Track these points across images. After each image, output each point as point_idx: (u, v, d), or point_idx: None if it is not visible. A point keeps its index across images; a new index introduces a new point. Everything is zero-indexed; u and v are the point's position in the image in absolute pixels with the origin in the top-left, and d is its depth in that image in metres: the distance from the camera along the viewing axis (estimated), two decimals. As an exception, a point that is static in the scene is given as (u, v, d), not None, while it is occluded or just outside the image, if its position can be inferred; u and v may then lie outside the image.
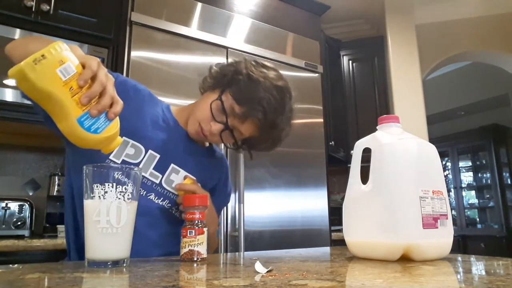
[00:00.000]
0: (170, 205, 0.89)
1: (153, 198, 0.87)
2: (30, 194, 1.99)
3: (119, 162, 0.85)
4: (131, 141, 0.87)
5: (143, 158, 0.88)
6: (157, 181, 0.88)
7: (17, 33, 1.64)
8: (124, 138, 0.82)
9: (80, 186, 0.63)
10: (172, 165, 0.91)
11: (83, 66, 0.60)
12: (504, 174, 5.12)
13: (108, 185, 0.61)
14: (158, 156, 0.90)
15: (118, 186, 0.61)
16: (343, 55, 3.15)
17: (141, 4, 1.82)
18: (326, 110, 2.40)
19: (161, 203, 0.88)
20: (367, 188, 0.73)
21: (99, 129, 0.61)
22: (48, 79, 0.55)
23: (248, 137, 0.95)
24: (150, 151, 0.89)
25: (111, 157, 0.85)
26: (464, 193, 5.62)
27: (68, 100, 0.57)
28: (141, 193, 0.85)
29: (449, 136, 5.70)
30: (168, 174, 0.90)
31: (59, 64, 0.56)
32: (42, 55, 0.54)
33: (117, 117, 0.65)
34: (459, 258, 0.72)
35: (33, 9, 1.67)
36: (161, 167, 0.90)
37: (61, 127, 0.59)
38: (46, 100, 0.57)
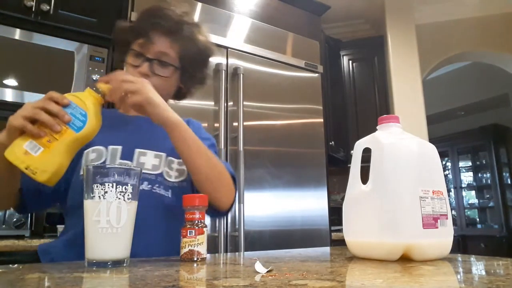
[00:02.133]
0: (150, 186, 0.87)
1: None
2: None
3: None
4: (90, 148, 0.87)
5: (106, 156, 0.88)
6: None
7: (17, 33, 1.64)
8: (84, 151, 0.86)
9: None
10: (136, 150, 0.90)
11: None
12: (504, 174, 5.12)
13: (108, 185, 0.61)
14: (120, 147, 0.89)
15: (118, 186, 0.61)
16: (343, 55, 3.15)
17: (141, 4, 1.82)
18: (326, 110, 2.40)
19: (140, 187, 0.87)
20: (367, 188, 0.73)
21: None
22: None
23: (180, 60, 0.93)
24: (110, 147, 0.89)
25: (81, 173, 0.85)
26: (464, 193, 5.62)
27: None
28: None
29: (449, 136, 5.70)
30: (137, 159, 0.89)
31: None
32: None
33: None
34: (459, 258, 0.72)
35: (33, 9, 1.67)
36: (127, 156, 0.89)
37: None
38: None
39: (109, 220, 0.60)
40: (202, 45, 0.96)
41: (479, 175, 5.52)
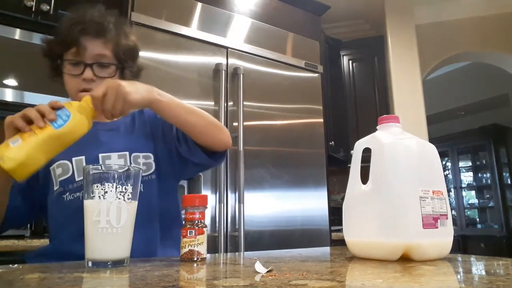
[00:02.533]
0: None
1: None
2: None
3: (57, 187, 0.89)
4: (54, 164, 0.90)
5: (73, 168, 0.90)
6: None
7: (17, 33, 1.64)
8: (50, 168, 0.90)
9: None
10: (100, 155, 0.92)
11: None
12: (504, 174, 5.12)
13: (108, 185, 0.61)
14: (83, 157, 0.91)
15: (118, 186, 0.62)
16: (343, 55, 3.15)
17: (141, 4, 1.82)
18: (326, 110, 2.39)
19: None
20: (367, 188, 0.73)
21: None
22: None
23: (116, 58, 0.95)
24: (73, 159, 0.90)
25: (55, 187, 0.89)
26: (464, 193, 5.62)
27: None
28: None
29: (449, 136, 5.70)
30: (103, 163, 0.90)
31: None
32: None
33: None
34: (459, 258, 0.72)
35: (33, 9, 1.67)
36: (93, 163, 0.87)
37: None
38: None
39: (109, 220, 0.60)
40: (132, 40, 0.99)
41: (479, 175, 5.52)
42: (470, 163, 5.65)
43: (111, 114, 0.78)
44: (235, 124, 1.95)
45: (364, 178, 0.75)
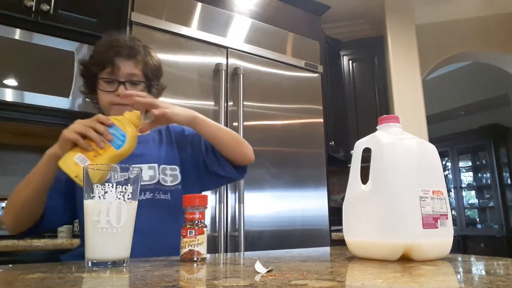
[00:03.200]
0: (152, 194, 1.00)
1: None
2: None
3: None
4: None
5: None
6: None
7: (17, 33, 1.64)
8: None
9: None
10: (131, 166, 0.98)
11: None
12: (504, 174, 5.12)
13: (108, 185, 0.61)
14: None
15: (118, 186, 0.62)
16: (343, 55, 3.14)
17: (141, 4, 1.82)
18: (326, 110, 2.39)
19: (144, 197, 0.98)
20: (367, 188, 0.73)
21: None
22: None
23: (145, 77, 1.06)
24: None
25: None
26: (464, 193, 5.62)
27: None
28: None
29: (449, 136, 5.70)
30: None
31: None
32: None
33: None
34: (459, 258, 0.72)
35: (33, 9, 1.67)
36: None
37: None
38: None
39: (109, 220, 0.60)
40: (156, 61, 1.12)
41: (479, 175, 5.52)
42: (470, 163, 5.65)
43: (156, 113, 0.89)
44: (235, 124, 1.95)
45: (364, 178, 0.75)
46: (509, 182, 5.08)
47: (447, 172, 5.73)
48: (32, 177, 0.90)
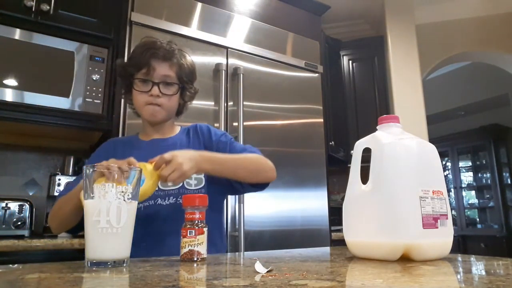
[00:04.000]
0: (175, 199, 1.03)
1: (161, 201, 1.03)
2: (30, 194, 1.99)
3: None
4: None
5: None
6: None
7: (17, 33, 1.64)
8: None
9: None
10: None
11: None
12: (504, 174, 5.12)
13: (108, 185, 0.61)
14: None
15: (118, 186, 0.62)
16: (343, 55, 3.14)
17: (141, 4, 1.82)
18: (326, 110, 2.39)
19: (167, 202, 1.02)
20: (367, 188, 0.73)
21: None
22: None
23: (179, 79, 1.10)
24: None
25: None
26: (464, 193, 5.62)
27: None
28: (150, 202, 1.02)
29: (449, 136, 5.70)
30: None
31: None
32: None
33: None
34: (459, 258, 0.72)
35: (33, 9, 1.67)
36: None
37: None
38: None
39: (109, 220, 0.60)
40: (191, 65, 1.15)
41: (479, 175, 5.51)
42: (470, 163, 5.65)
43: (165, 179, 0.88)
44: (235, 124, 1.95)
45: (364, 178, 0.75)
46: (509, 182, 5.08)
47: (447, 172, 5.73)
48: (71, 196, 0.93)
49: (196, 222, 0.70)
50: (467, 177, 5.68)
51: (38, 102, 1.62)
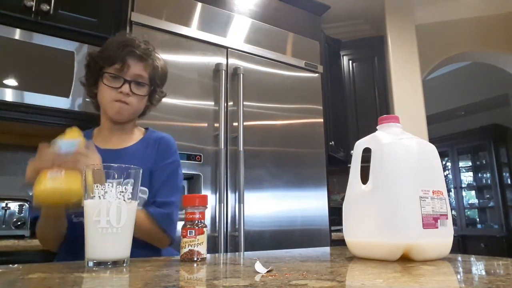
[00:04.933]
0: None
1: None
2: (30, 194, 1.98)
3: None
4: None
5: None
6: None
7: (17, 33, 1.64)
8: None
9: None
10: None
11: None
12: (504, 174, 5.12)
13: (108, 185, 0.61)
14: None
15: (118, 186, 0.62)
16: (343, 55, 3.14)
17: (141, 4, 1.82)
18: (326, 110, 2.39)
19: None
20: (367, 188, 0.73)
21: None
22: None
23: (151, 81, 1.08)
24: None
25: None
26: (464, 193, 5.62)
27: None
28: None
29: (449, 136, 5.69)
30: None
31: None
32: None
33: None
34: (459, 258, 0.72)
35: (33, 9, 1.67)
36: None
37: None
38: None
39: (109, 220, 0.60)
40: (164, 68, 1.14)
41: (479, 175, 5.51)
42: (470, 163, 5.64)
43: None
44: (235, 124, 1.95)
45: (364, 178, 0.75)
46: (509, 182, 5.07)
47: (447, 172, 5.73)
48: (42, 220, 0.93)
49: (196, 222, 0.70)
50: (467, 177, 5.67)
51: (38, 102, 1.62)
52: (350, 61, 3.14)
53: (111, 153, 1.04)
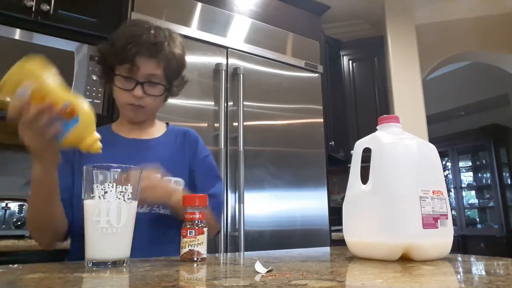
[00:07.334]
0: (149, 208, 0.93)
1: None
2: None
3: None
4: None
5: None
6: None
7: (17, 33, 1.64)
8: None
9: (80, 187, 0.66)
10: None
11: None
12: (504, 174, 5.12)
13: (108, 185, 0.61)
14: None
15: (118, 186, 0.61)
16: (343, 55, 3.15)
17: (141, 4, 1.82)
18: (326, 110, 2.39)
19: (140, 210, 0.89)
20: (367, 188, 0.73)
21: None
22: None
23: (166, 77, 0.99)
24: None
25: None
26: (464, 193, 5.62)
27: None
28: None
29: (449, 136, 5.70)
30: None
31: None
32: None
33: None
34: (459, 258, 0.72)
35: (33, 9, 1.67)
36: None
37: None
38: None
39: (109, 220, 0.60)
40: (180, 58, 1.02)
41: (479, 175, 5.51)
42: (470, 163, 5.64)
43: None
44: (235, 124, 1.95)
45: (364, 178, 0.75)
46: (509, 182, 5.07)
47: (447, 172, 5.73)
48: (36, 196, 0.80)
49: (196, 222, 0.70)
50: (467, 177, 5.67)
51: (38, 102, 1.62)
52: (350, 61, 3.14)
53: (139, 143, 1.01)
